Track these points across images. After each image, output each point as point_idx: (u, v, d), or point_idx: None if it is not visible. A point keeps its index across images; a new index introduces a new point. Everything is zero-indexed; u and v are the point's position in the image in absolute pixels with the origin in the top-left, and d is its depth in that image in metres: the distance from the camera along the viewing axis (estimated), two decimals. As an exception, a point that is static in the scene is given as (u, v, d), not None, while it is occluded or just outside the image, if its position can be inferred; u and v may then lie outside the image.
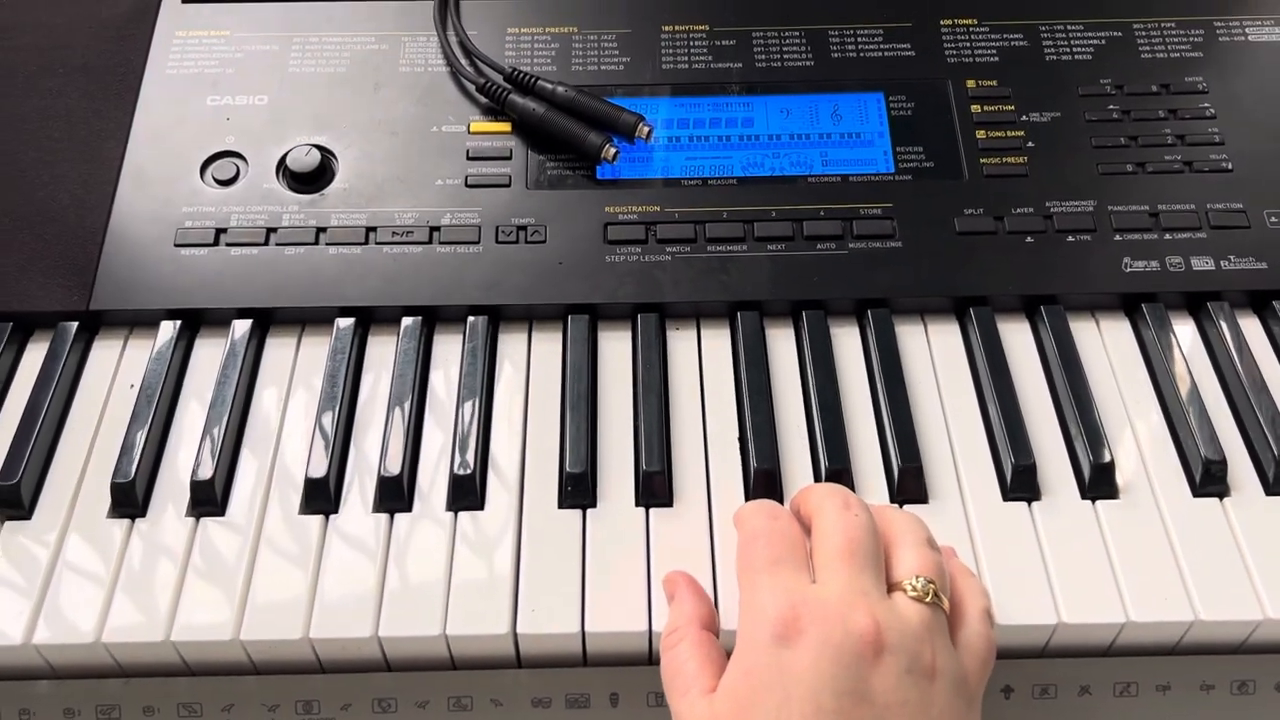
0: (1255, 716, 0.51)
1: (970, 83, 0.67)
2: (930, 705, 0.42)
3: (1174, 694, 0.51)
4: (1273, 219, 0.62)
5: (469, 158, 0.64)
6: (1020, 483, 0.53)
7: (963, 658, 0.44)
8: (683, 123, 0.66)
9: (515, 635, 0.49)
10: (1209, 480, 0.53)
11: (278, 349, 0.59)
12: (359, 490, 0.54)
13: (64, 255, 0.60)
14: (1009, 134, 0.65)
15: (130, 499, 0.52)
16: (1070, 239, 0.61)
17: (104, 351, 0.59)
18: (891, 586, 0.45)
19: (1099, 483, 0.53)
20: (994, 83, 0.67)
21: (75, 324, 0.59)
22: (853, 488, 0.53)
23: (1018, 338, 0.59)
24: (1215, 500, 0.53)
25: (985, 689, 0.45)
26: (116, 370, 0.58)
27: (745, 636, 0.44)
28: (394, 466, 0.53)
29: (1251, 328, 0.60)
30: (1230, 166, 0.63)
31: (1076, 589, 0.50)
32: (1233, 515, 0.52)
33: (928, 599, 0.44)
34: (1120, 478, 0.54)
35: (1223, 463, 0.53)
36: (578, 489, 0.53)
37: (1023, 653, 0.51)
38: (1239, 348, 0.58)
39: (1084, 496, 0.53)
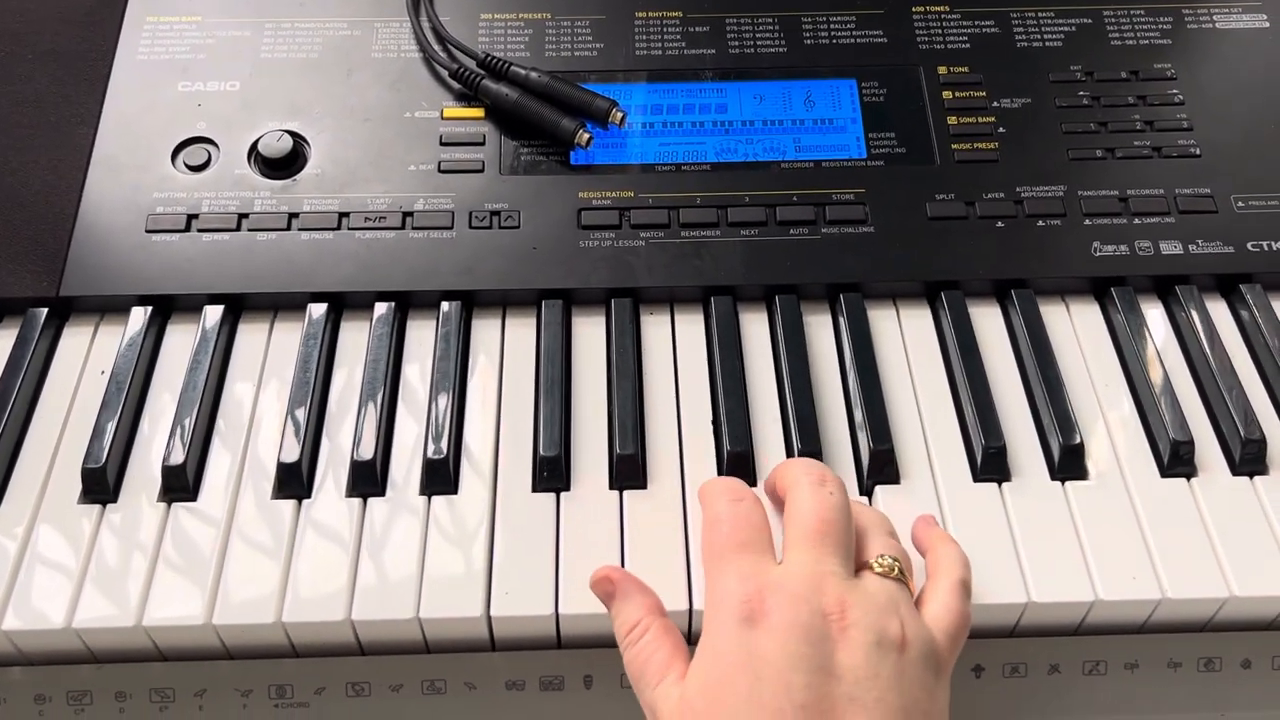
0: (1221, 693, 0.52)
1: (942, 69, 0.67)
2: (902, 676, 0.42)
3: (1142, 671, 0.52)
4: (1240, 204, 0.62)
5: (442, 143, 0.64)
6: (991, 464, 0.54)
7: (931, 631, 0.45)
8: (656, 108, 0.66)
9: (489, 618, 0.49)
10: (1177, 461, 0.54)
11: (250, 335, 0.59)
12: (332, 476, 0.54)
13: (33, 241, 0.60)
14: (980, 120, 0.65)
15: (101, 485, 0.52)
16: (1040, 224, 0.61)
17: (74, 338, 0.59)
18: (859, 567, 0.46)
19: (1068, 464, 0.54)
20: (965, 69, 0.67)
21: (45, 310, 0.58)
22: (825, 470, 0.53)
23: (988, 321, 0.60)
24: (1183, 481, 0.54)
25: (956, 666, 0.46)
26: (87, 357, 0.58)
27: (712, 621, 0.44)
28: (367, 451, 0.53)
29: (1219, 311, 0.60)
30: (1198, 152, 0.64)
31: (1046, 568, 0.50)
32: (1200, 495, 0.53)
33: (894, 574, 0.45)
34: (1089, 459, 0.54)
35: (1190, 444, 0.54)
36: (552, 472, 0.53)
37: (993, 632, 0.52)
38: (1207, 331, 0.58)
39: (1054, 478, 0.54)
